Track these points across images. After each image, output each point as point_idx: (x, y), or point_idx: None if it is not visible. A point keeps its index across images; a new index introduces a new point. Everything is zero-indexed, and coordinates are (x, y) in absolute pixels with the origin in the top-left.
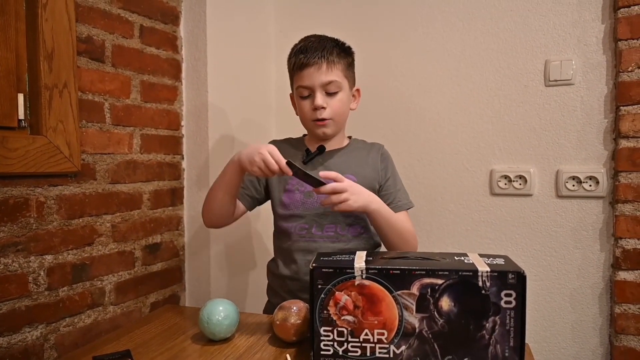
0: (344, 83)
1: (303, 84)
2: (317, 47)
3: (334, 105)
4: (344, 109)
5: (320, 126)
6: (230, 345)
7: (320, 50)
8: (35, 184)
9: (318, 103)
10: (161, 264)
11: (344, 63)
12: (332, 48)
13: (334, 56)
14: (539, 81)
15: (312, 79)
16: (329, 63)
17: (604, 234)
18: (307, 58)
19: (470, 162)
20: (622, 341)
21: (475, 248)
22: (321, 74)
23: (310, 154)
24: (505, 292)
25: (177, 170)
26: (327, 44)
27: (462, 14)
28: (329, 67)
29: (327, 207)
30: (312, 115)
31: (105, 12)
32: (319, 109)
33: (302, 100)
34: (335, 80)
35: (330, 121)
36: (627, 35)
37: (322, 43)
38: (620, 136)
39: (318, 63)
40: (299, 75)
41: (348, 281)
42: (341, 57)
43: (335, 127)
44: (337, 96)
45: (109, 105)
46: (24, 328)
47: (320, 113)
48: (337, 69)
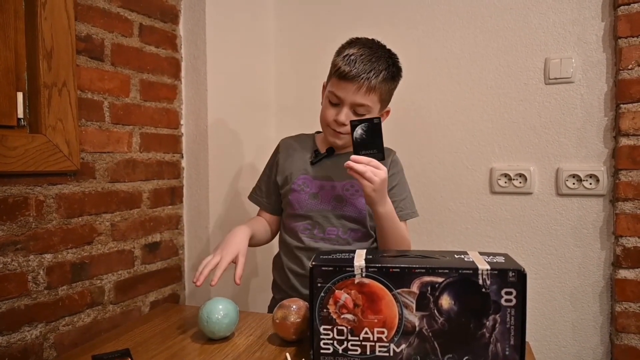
0: (375, 107)
1: (336, 92)
2: (367, 66)
3: None
4: None
5: (334, 136)
6: (230, 344)
7: (368, 71)
8: (34, 183)
9: (340, 119)
10: (161, 263)
11: (385, 89)
12: (381, 72)
13: (378, 81)
14: (539, 79)
15: (346, 94)
16: (369, 88)
17: (605, 232)
18: (352, 72)
19: (470, 161)
20: (622, 340)
21: (475, 246)
22: (357, 95)
23: (319, 155)
24: (506, 290)
25: (176, 169)
26: (377, 65)
27: (462, 13)
28: (368, 92)
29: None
30: (332, 124)
31: (104, 10)
32: (340, 124)
33: (328, 105)
34: (367, 105)
35: (347, 135)
36: (627, 33)
37: (372, 63)
38: (620, 134)
39: (360, 83)
40: (337, 82)
41: (348, 279)
42: (386, 82)
43: (349, 139)
44: (363, 115)
45: (108, 104)
46: (24, 327)
47: (339, 127)
48: (375, 95)
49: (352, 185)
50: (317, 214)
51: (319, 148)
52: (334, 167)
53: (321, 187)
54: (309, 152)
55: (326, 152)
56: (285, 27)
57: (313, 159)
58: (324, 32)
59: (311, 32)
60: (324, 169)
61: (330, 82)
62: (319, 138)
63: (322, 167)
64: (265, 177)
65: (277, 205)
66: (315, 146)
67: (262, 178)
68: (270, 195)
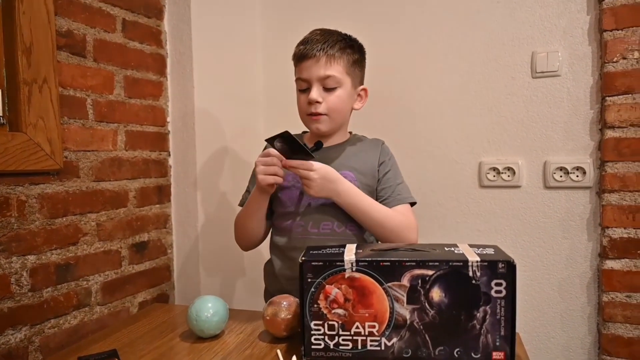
0: (345, 79)
1: (301, 76)
2: (319, 39)
3: (331, 100)
4: (342, 106)
5: (314, 121)
6: (220, 342)
7: (321, 42)
8: (15, 183)
9: (313, 97)
10: (149, 263)
11: (346, 59)
12: (335, 42)
13: (335, 50)
14: (525, 73)
15: (309, 71)
16: (328, 57)
17: (591, 223)
18: (306, 50)
19: (459, 155)
20: (609, 329)
21: (464, 240)
22: (319, 68)
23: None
24: (496, 281)
25: (163, 167)
26: (330, 38)
27: (449, 7)
28: (328, 61)
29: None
30: (307, 109)
31: (85, 5)
32: (314, 103)
33: (299, 93)
34: (334, 75)
35: (325, 117)
36: (612, 26)
37: (325, 36)
38: (606, 126)
39: (317, 56)
40: (298, 67)
41: (338, 274)
42: (345, 52)
43: (331, 123)
44: (335, 92)
45: (92, 101)
46: (7, 330)
47: (315, 107)
48: (338, 64)
49: (345, 176)
50: (309, 209)
51: (307, 144)
52: (323, 160)
53: None
54: None
55: (314, 146)
56: (272, 21)
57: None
58: (311, 28)
59: (298, 26)
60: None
61: (295, 73)
62: (306, 137)
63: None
64: (254, 179)
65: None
66: (303, 142)
67: (251, 181)
68: None
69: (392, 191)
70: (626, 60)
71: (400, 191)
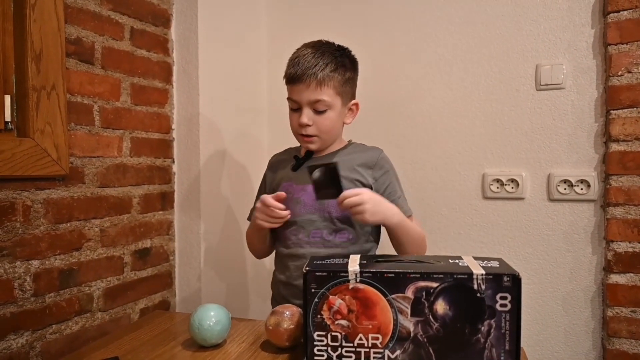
0: (335, 101)
1: (292, 97)
2: (310, 62)
3: (321, 123)
4: (332, 127)
5: (306, 142)
6: (222, 352)
7: (312, 67)
8: (21, 188)
9: (303, 121)
10: (151, 269)
11: (338, 79)
12: (327, 65)
13: (327, 72)
14: (530, 85)
15: (300, 95)
16: (318, 82)
17: (596, 237)
18: (297, 73)
19: (462, 166)
20: (614, 344)
21: (467, 252)
22: (310, 93)
23: (299, 160)
24: (501, 295)
25: (167, 174)
26: (321, 60)
27: (454, 19)
28: (318, 86)
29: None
30: (298, 129)
31: (95, 13)
32: (304, 126)
33: (291, 112)
34: (324, 99)
35: (316, 138)
36: (616, 40)
37: (316, 58)
38: (610, 140)
39: (307, 81)
40: (290, 88)
41: (342, 285)
42: (336, 73)
43: (322, 143)
44: (325, 114)
45: (99, 107)
46: (9, 335)
47: (305, 130)
48: (328, 87)
49: None
50: (301, 218)
51: (298, 155)
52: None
53: (303, 191)
54: (292, 160)
55: (304, 156)
56: (277, 31)
57: (293, 165)
58: (315, 37)
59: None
60: (305, 173)
61: (287, 91)
62: (303, 147)
63: (304, 172)
64: (258, 195)
65: None
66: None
67: (257, 197)
68: None
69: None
70: (631, 74)
71: (402, 205)
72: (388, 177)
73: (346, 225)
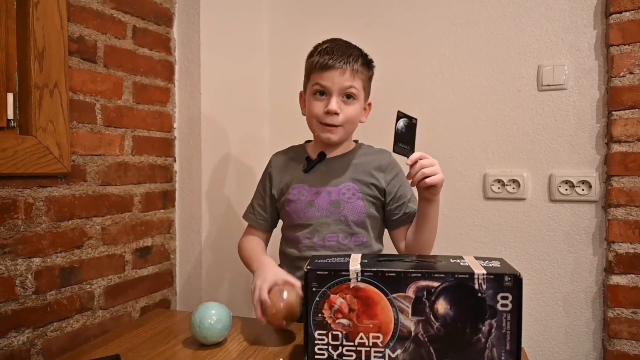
0: (361, 94)
1: (322, 82)
2: (345, 52)
3: (348, 112)
4: (356, 119)
5: (328, 131)
6: (223, 350)
7: (347, 56)
8: (23, 185)
9: (332, 108)
10: (152, 268)
11: (365, 75)
12: (358, 57)
13: (359, 65)
14: (532, 86)
15: (333, 81)
16: (352, 70)
17: (597, 238)
18: (332, 60)
19: (463, 166)
20: (615, 345)
21: (468, 252)
22: (344, 80)
23: (312, 162)
24: (502, 294)
25: (169, 172)
26: (354, 52)
27: (456, 19)
28: (352, 75)
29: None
30: (323, 117)
31: (97, 12)
32: (332, 114)
33: (315, 100)
34: (355, 87)
35: (340, 128)
36: (618, 41)
37: (349, 49)
38: (612, 141)
39: (342, 68)
40: (319, 75)
41: (343, 284)
42: (364, 68)
43: (344, 134)
44: (353, 104)
45: (101, 106)
46: (10, 333)
47: (332, 119)
48: (359, 79)
49: (349, 188)
50: (315, 221)
51: (310, 155)
52: (328, 172)
53: (317, 194)
54: (301, 161)
55: (318, 157)
56: (279, 30)
57: (306, 167)
58: (317, 36)
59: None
60: (318, 175)
61: (311, 79)
62: (309, 146)
63: (316, 173)
64: (259, 194)
65: (273, 221)
66: (306, 154)
67: (256, 196)
68: (266, 212)
69: (406, 207)
70: (633, 75)
71: (413, 207)
72: (399, 179)
73: (361, 229)
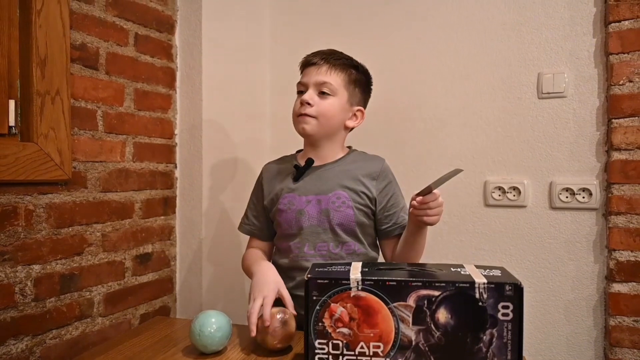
0: (341, 91)
1: (301, 80)
2: (328, 53)
3: (323, 105)
4: (332, 114)
5: (301, 121)
6: (222, 359)
7: (327, 54)
8: (24, 192)
9: (305, 97)
10: (152, 275)
11: (347, 73)
12: (340, 58)
13: (339, 63)
14: (532, 94)
15: (309, 77)
16: (329, 66)
17: (598, 245)
18: (313, 58)
19: (464, 174)
20: (617, 354)
21: (469, 259)
22: (319, 74)
23: (300, 170)
24: (503, 304)
25: (169, 179)
26: (337, 54)
27: (457, 27)
28: (329, 71)
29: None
30: (298, 110)
31: (100, 19)
32: (304, 104)
33: (297, 97)
34: (330, 82)
35: (313, 119)
36: (618, 49)
37: (334, 53)
38: (612, 148)
39: (319, 64)
40: (302, 74)
41: (343, 292)
42: (347, 68)
43: (318, 127)
44: (329, 99)
45: (102, 112)
46: (9, 340)
47: (304, 108)
48: (337, 76)
49: (339, 197)
50: (306, 230)
51: (298, 163)
52: (318, 180)
53: (307, 202)
54: (291, 170)
55: (306, 164)
56: (281, 38)
57: (295, 175)
58: (319, 44)
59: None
60: (307, 184)
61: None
62: (299, 156)
63: (306, 183)
64: (252, 204)
65: (270, 230)
66: (295, 162)
67: (249, 207)
68: (261, 222)
69: (397, 217)
70: (632, 83)
71: (404, 217)
72: (391, 187)
73: (351, 238)
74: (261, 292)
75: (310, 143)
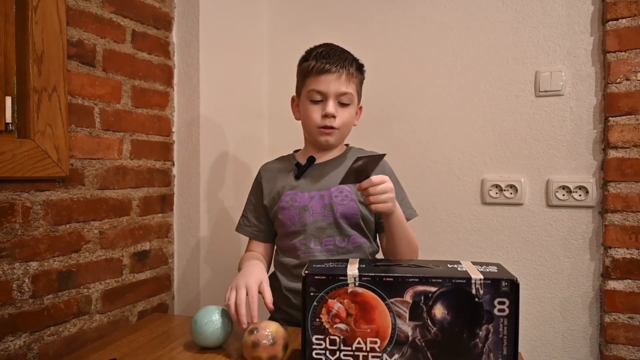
0: (355, 98)
1: (318, 88)
2: (340, 56)
3: (344, 116)
4: (350, 122)
5: (325, 134)
6: (222, 354)
7: (342, 60)
8: (21, 189)
9: (330, 111)
10: (150, 272)
11: (359, 79)
12: (353, 62)
13: (354, 69)
14: (529, 92)
15: (328, 86)
16: (348, 75)
17: (594, 243)
18: (329, 64)
19: (461, 171)
20: (612, 350)
21: (466, 257)
22: (340, 84)
23: (302, 167)
24: (499, 300)
25: (167, 176)
26: (348, 56)
27: (455, 25)
28: (348, 79)
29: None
30: (320, 122)
31: (96, 16)
32: (330, 117)
33: (311, 105)
34: (350, 93)
35: (337, 131)
36: (615, 48)
37: (344, 54)
38: (609, 146)
39: (339, 72)
40: (315, 79)
41: (341, 288)
42: (358, 72)
43: (340, 137)
44: (348, 108)
45: (99, 110)
46: (7, 337)
47: (330, 121)
48: (353, 83)
49: (341, 191)
50: (310, 226)
51: (299, 162)
52: (320, 177)
53: (310, 198)
54: (291, 169)
55: (308, 162)
56: (278, 35)
57: (296, 173)
58: (316, 41)
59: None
60: (309, 180)
61: (306, 85)
62: (298, 155)
63: (307, 179)
64: (251, 205)
65: (270, 231)
66: (295, 161)
67: (247, 207)
68: (263, 222)
69: None
70: (629, 82)
71: (404, 208)
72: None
73: (356, 231)
74: (244, 281)
75: (318, 145)
